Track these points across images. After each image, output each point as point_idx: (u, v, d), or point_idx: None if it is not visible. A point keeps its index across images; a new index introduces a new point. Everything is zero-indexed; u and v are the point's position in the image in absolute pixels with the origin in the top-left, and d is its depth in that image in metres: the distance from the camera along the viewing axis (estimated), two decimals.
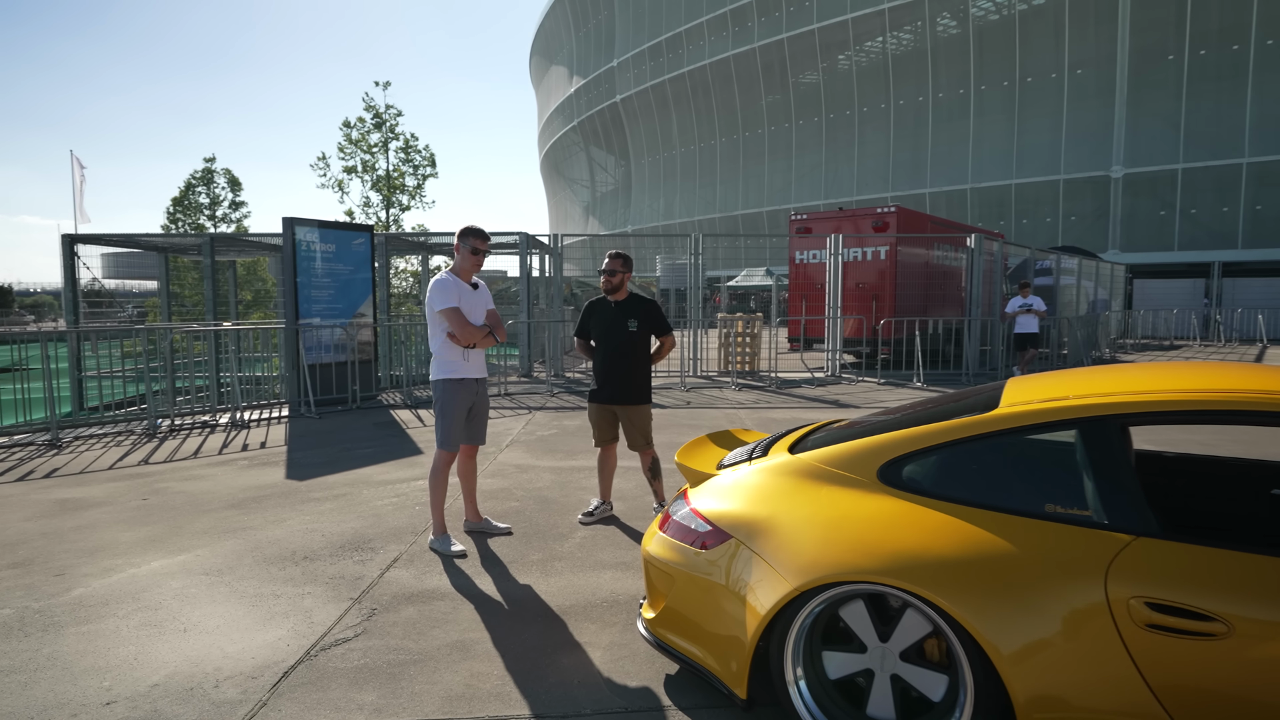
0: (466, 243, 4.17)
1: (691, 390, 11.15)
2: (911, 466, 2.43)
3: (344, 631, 3.16)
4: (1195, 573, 1.93)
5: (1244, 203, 31.87)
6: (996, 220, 36.90)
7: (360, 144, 21.42)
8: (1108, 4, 33.52)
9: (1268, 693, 1.82)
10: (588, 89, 56.43)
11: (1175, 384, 2.34)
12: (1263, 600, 1.85)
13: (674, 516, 2.76)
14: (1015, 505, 2.22)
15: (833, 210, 16.76)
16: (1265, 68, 30.98)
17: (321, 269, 9.61)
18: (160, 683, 2.74)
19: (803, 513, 2.43)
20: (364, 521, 4.70)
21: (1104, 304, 21.49)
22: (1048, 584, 2.04)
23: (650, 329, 4.73)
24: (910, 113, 39.62)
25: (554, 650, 3.00)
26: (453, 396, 4.10)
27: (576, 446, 7.03)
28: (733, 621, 2.42)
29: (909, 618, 2.21)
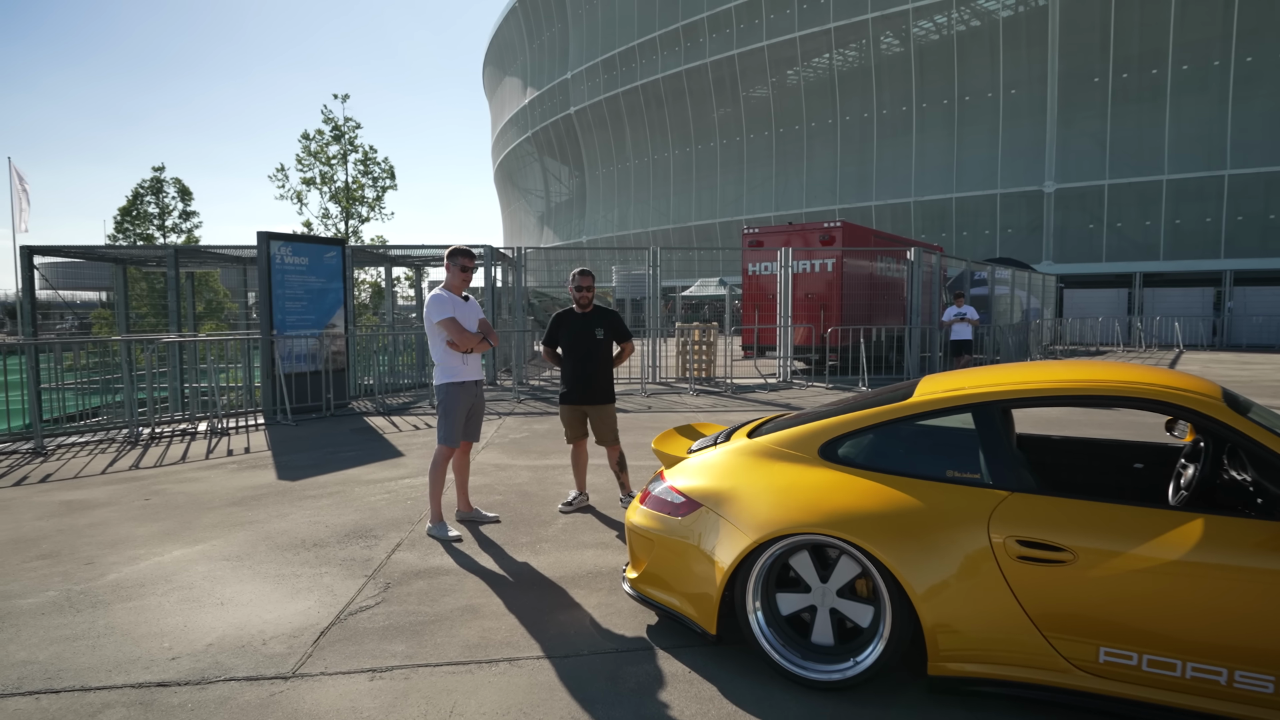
0: (456, 261, 4.69)
1: (652, 396, 11.74)
2: (845, 445, 3.04)
3: (365, 600, 3.64)
4: (1051, 517, 2.57)
5: (1164, 217, 33.95)
6: (939, 232, 38.52)
7: (319, 156, 21.56)
8: (1038, 28, 35.45)
9: (1099, 604, 2.46)
10: (542, 100, 56.91)
11: (1042, 377, 3.01)
12: (1096, 534, 2.49)
13: (653, 492, 3.32)
14: (924, 472, 2.85)
15: (783, 225, 17.60)
16: (1181, 91, 33.15)
17: (295, 281, 9.94)
18: (214, 643, 3.19)
19: (759, 483, 3.02)
20: (362, 514, 5.15)
21: (1036, 312, 22.81)
22: (948, 531, 2.67)
23: (613, 336, 5.31)
24: (856, 128, 41.11)
25: (552, 609, 3.53)
26: (455, 398, 4.61)
27: (549, 447, 7.54)
28: (704, 573, 3.00)
29: (843, 563, 2.81)
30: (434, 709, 2.66)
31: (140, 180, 30.45)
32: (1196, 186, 33.24)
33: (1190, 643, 2.36)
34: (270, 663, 3.01)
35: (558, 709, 2.66)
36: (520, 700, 2.71)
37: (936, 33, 38.35)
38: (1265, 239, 32.20)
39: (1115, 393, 2.77)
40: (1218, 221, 33.06)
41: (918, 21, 38.26)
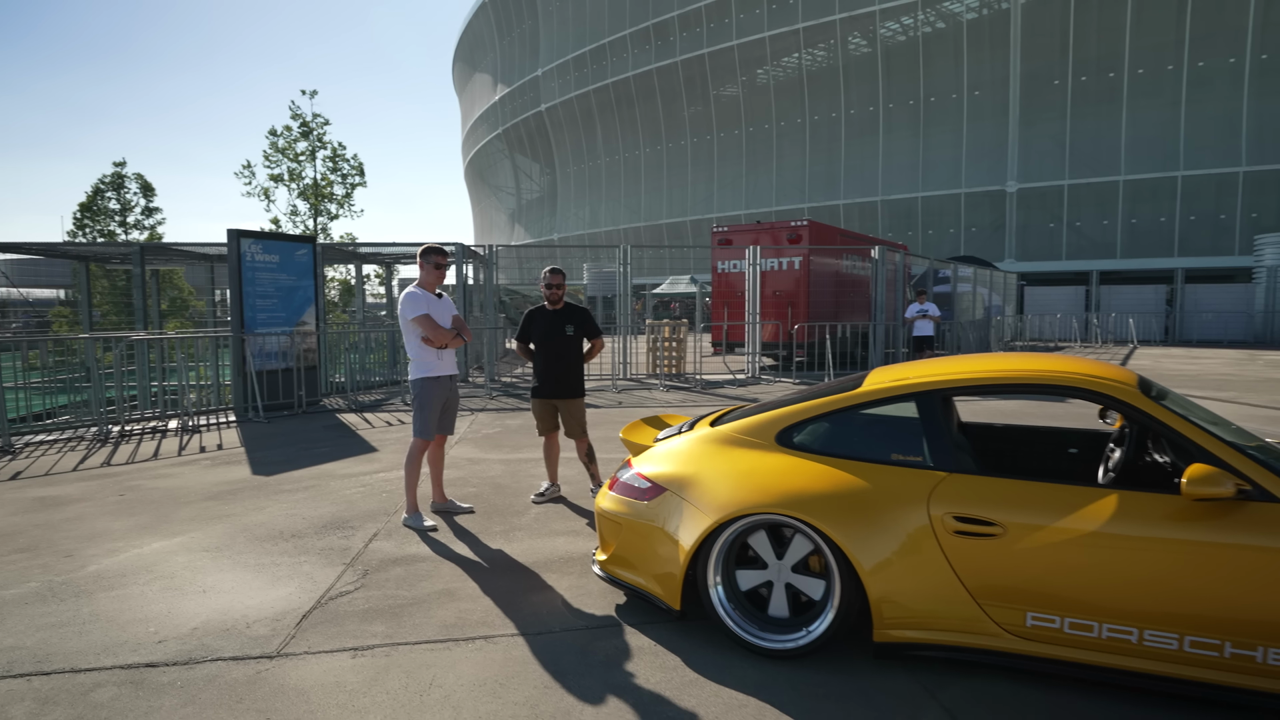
0: (430, 259, 4.84)
1: (623, 392, 11.93)
2: (799, 432, 3.26)
3: (345, 586, 3.78)
4: (984, 495, 2.81)
5: (1121, 216, 34.98)
6: (905, 230, 39.23)
7: (287, 152, 21.37)
8: (1000, 31, 36.25)
9: (1026, 573, 2.70)
10: (512, 97, 56.74)
11: (978, 368, 3.25)
12: (1022, 510, 2.74)
13: (621, 479, 3.51)
14: (871, 456, 3.07)
15: (751, 224, 17.88)
16: (1137, 95, 34.15)
17: (266, 279, 9.95)
18: (199, 626, 3.32)
19: (720, 468, 3.23)
20: (338, 507, 5.27)
21: (998, 309, 23.40)
22: (892, 510, 2.89)
23: (584, 333, 5.49)
24: (824, 128, 41.67)
25: (525, 592, 3.70)
26: (430, 392, 4.76)
27: (521, 441, 7.69)
28: (668, 553, 3.19)
29: (797, 540, 3.03)
30: (414, 682, 2.82)
31: (101, 176, 29.85)
32: (1151, 187, 34.28)
33: (1105, 607, 2.61)
34: (255, 644, 3.15)
35: (531, 679, 2.84)
36: (496, 673, 2.89)
37: (903, 34, 39.02)
38: (1216, 238, 33.34)
39: (1041, 381, 3.02)
40: (1171, 221, 34.14)
41: (884, 23, 38.89)
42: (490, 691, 2.75)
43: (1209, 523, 2.53)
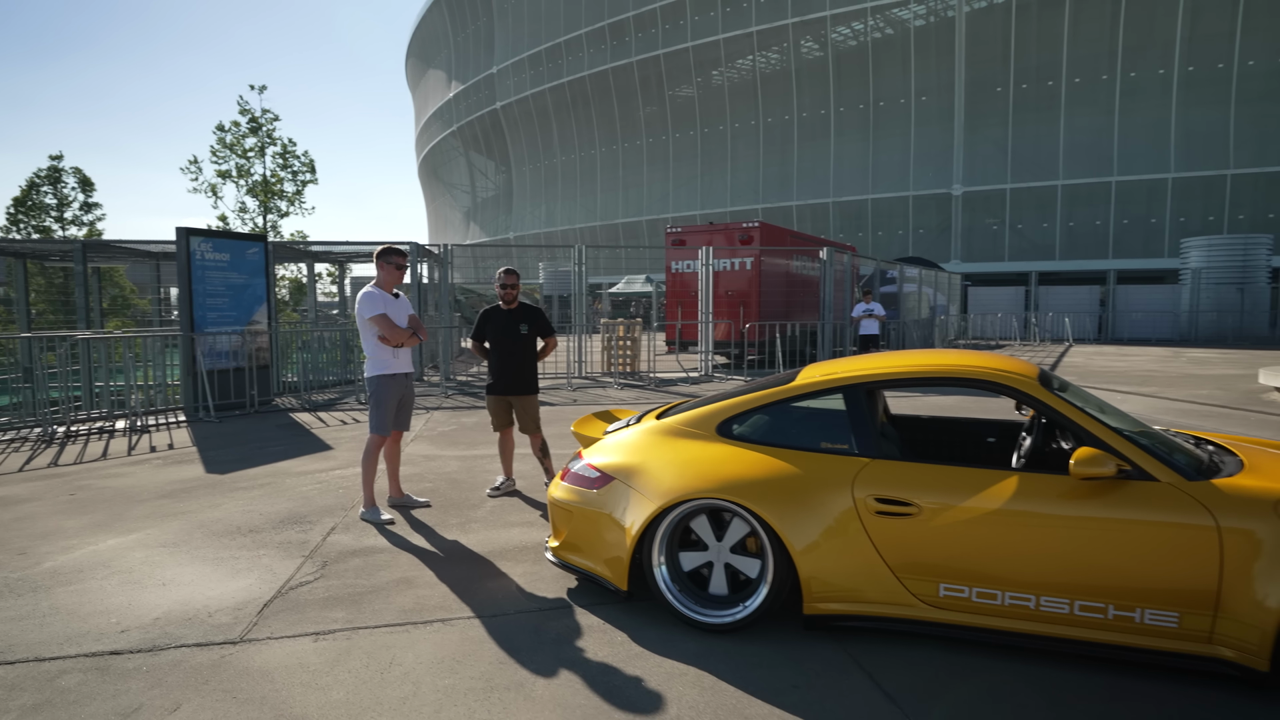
0: (390, 260, 4.96)
1: (577, 390, 12.11)
2: (738, 424, 3.51)
3: (304, 577, 3.90)
4: (902, 479, 3.08)
5: (1060, 219, 36.38)
6: (856, 231, 40.14)
7: (235, 148, 20.98)
8: (946, 39, 37.35)
9: (938, 548, 2.98)
10: (467, 94, 56.29)
11: (899, 364, 3.54)
12: (934, 492, 3.02)
13: (572, 469, 3.71)
14: (803, 444, 3.33)
15: (705, 224, 18.20)
16: (1074, 102, 35.55)
17: (216, 278, 9.87)
18: (160, 616, 3.41)
19: (664, 457, 3.45)
20: (295, 503, 5.35)
21: (943, 308, 24.20)
22: (820, 494, 3.15)
23: (537, 332, 5.68)
24: (778, 129, 42.37)
25: (481, 579, 3.88)
26: (386, 389, 4.89)
27: (476, 439, 7.82)
28: (616, 538, 3.40)
29: (735, 523, 3.27)
30: (374, 661, 2.98)
31: (36, 169, 28.81)
32: (1087, 192, 35.73)
33: (1007, 577, 2.91)
34: (218, 631, 3.26)
35: (487, 656, 3.02)
36: (453, 651, 3.07)
37: (853, 39, 39.88)
38: (1147, 241, 34.93)
39: (950, 374, 3.31)
40: (1106, 225, 35.65)
41: (836, 28, 39.70)
42: (448, 668, 2.93)
43: (1094, 500, 2.84)
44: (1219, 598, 2.68)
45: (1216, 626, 2.69)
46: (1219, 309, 25.07)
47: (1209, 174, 33.66)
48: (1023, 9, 35.65)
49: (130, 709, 2.63)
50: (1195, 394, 11.21)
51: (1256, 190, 33.01)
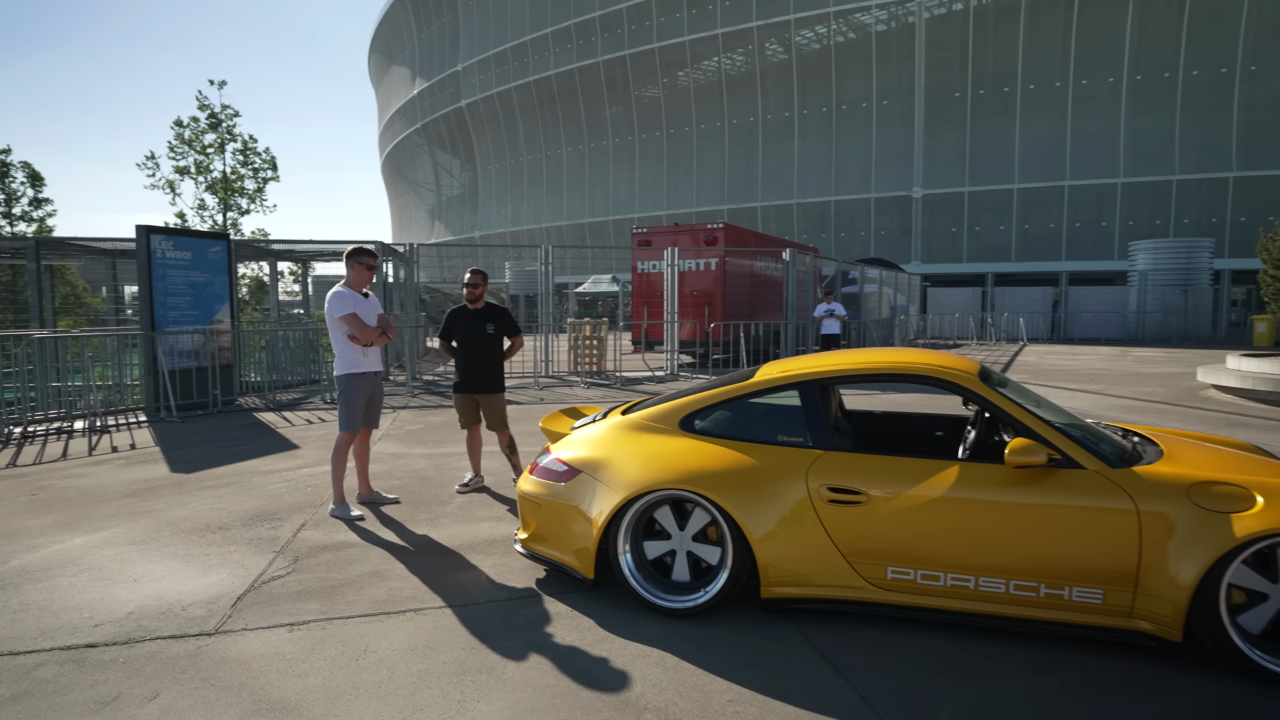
0: (361, 260, 5.04)
1: (544, 389, 12.20)
2: (699, 419, 3.68)
3: (277, 572, 3.98)
4: (852, 469, 3.28)
5: (1015, 222, 37.37)
6: (819, 233, 40.76)
7: (193, 144, 20.63)
8: (906, 43, 38.11)
9: (886, 533, 3.18)
10: (432, 91, 55.81)
11: (849, 361, 3.74)
12: (882, 481, 3.22)
13: (540, 463, 3.85)
14: (760, 437, 3.51)
15: (670, 225, 18.41)
16: (1029, 108, 36.55)
17: (178, 276, 9.77)
18: (134, 611, 3.47)
19: (629, 451, 3.60)
20: (263, 501, 5.39)
21: (903, 309, 24.75)
22: (777, 484, 3.33)
23: (504, 331, 5.79)
24: (743, 131, 42.81)
25: (451, 571, 3.99)
26: (355, 387, 4.96)
27: (444, 437, 7.89)
28: (583, 529, 3.55)
29: (697, 513, 3.43)
30: (349, 649, 3.09)
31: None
32: (1041, 195, 36.76)
33: (948, 560, 3.12)
34: (193, 623, 3.33)
35: (459, 642, 3.14)
36: (426, 639, 3.18)
37: (817, 42, 40.46)
38: (1098, 244, 36.06)
39: (898, 371, 3.52)
40: (1059, 227, 36.71)
41: (800, 31, 40.24)
42: (421, 654, 3.04)
43: (1027, 487, 3.06)
44: (1138, 576, 2.92)
45: (1136, 602, 2.93)
46: (1165, 310, 26.03)
47: (1156, 179, 34.88)
48: (980, 16, 36.57)
49: (110, 698, 2.70)
50: (1139, 391, 11.71)
51: (1200, 195, 34.30)
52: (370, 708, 2.63)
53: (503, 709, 2.63)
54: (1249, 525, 2.75)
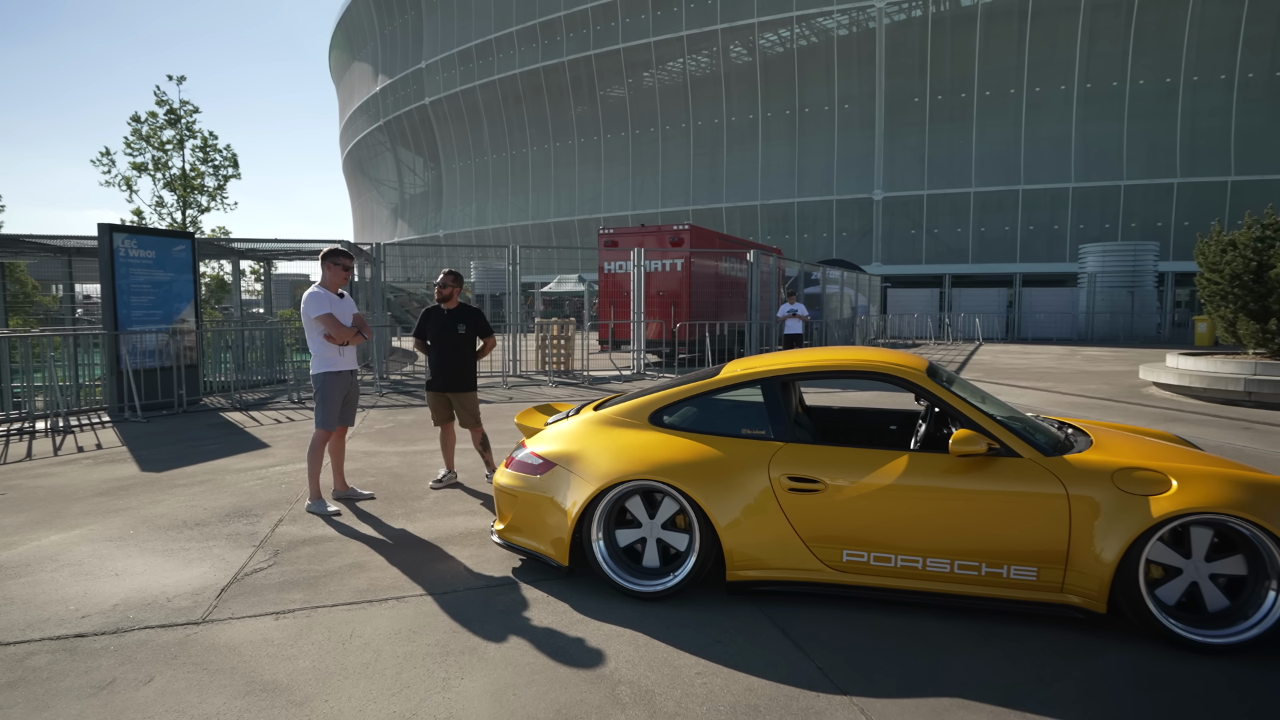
0: (337, 261, 5.15)
1: (513, 388, 12.32)
2: (667, 413, 3.89)
3: (258, 565, 4.08)
4: (811, 459, 3.52)
5: (972, 225, 38.34)
6: (783, 234, 41.34)
7: (151, 140, 20.26)
8: (866, 48, 38.85)
9: (841, 519, 3.42)
10: (394, 89, 55.25)
11: (806, 360, 3.98)
12: (837, 470, 3.46)
13: (516, 457, 4.02)
14: (726, 431, 3.73)
15: (636, 226, 18.62)
16: (985, 114, 37.53)
17: (141, 275, 9.69)
18: (119, 604, 3.56)
19: (601, 444, 3.80)
20: (238, 498, 5.47)
21: (864, 309, 25.31)
22: (741, 474, 3.55)
23: (476, 331, 5.94)
24: (708, 133, 43.22)
25: (430, 561, 4.14)
26: (332, 386, 5.07)
27: (415, 435, 7.99)
28: (558, 518, 3.73)
29: (666, 502, 3.64)
30: (335, 635, 3.23)
31: None
32: (997, 199, 37.78)
33: (898, 542, 3.37)
34: (180, 613, 3.44)
35: (441, 627, 3.31)
36: (408, 624, 3.34)
37: (780, 45, 41.02)
38: (1051, 246, 37.16)
39: (852, 368, 3.77)
40: (1014, 230, 37.76)
41: (763, 34, 40.77)
42: (405, 638, 3.20)
43: (969, 474, 3.33)
44: (1068, 554, 3.20)
45: (1067, 578, 3.21)
46: (1113, 310, 27.01)
47: (1105, 184, 36.11)
48: (938, 24, 37.45)
49: (105, 682, 2.82)
50: (1085, 389, 12.24)
51: (1147, 200, 35.60)
52: (360, 686, 2.79)
53: (486, 684, 2.80)
54: (1164, 506, 3.05)
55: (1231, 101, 34.29)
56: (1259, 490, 3.07)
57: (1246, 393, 10.22)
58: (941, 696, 2.73)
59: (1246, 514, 2.97)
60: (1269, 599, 3.00)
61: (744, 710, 2.64)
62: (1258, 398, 10.12)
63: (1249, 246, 11.01)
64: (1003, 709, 2.65)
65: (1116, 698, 2.72)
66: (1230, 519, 3.00)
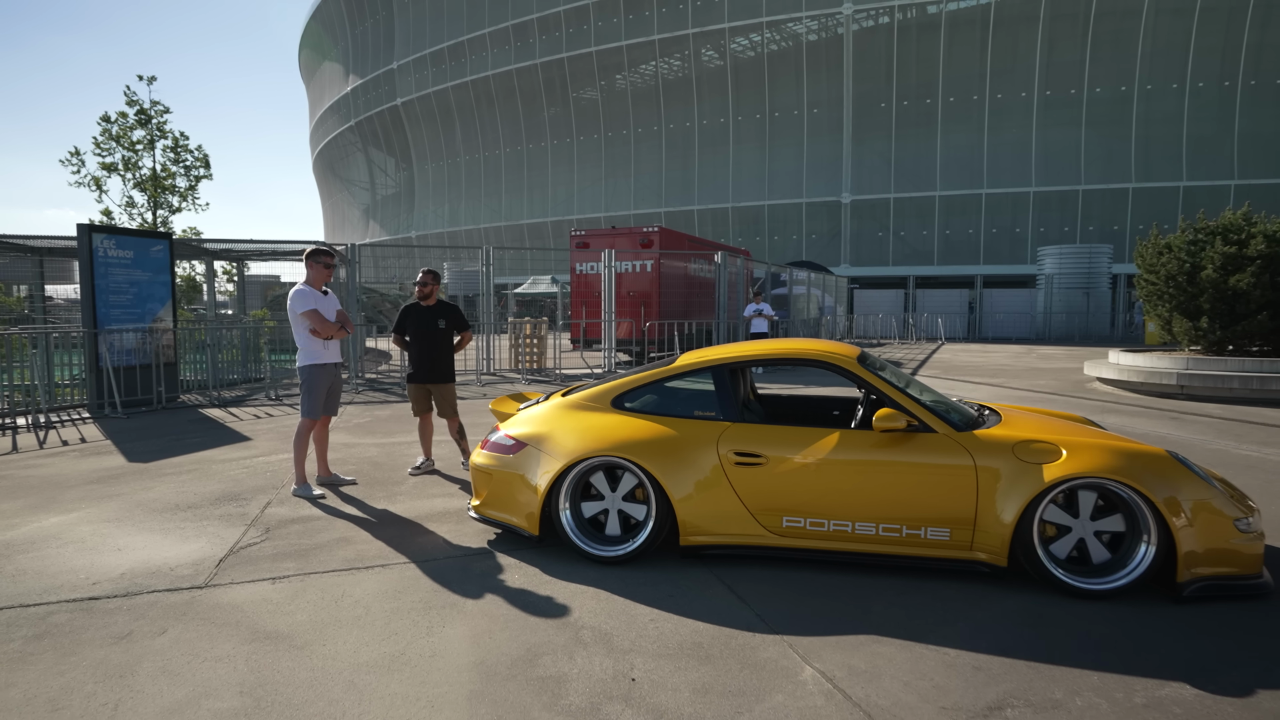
0: (319, 260, 5.50)
1: (486, 386, 12.66)
2: (628, 398, 4.31)
3: (252, 540, 4.43)
4: (754, 437, 3.95)
5: (937, 228, 39.31)
6: (754, 236, 42.01)
7: (121, 140, 20.21)
8: (834, 54, 39.65)
9: (781, 489, 3.86)
10: (366, 89, 55.07)
11: (750, 350, 4.43)
12: (777, 446, 3.90)
13: (491, 439, 4.41)
14: (680, 413, 4.16)
15: (607, 228, 19.03)
16: (949, 119, 38.52)
17: (120, 275, 9.89)
18: (126, 573, 3.89)
19: (569, 426, 4.20)
20: (226, 485, 5.78)
21: (831, 309, 25.96)
22: (694, 452, 3.98)
23: (454, 326, 6.32)
24: (679, 135, 43.76)
25: (412, 535, 4.51)
26: (317, 377, 5.41)
27: (393, 428, 8.32)
28: (529, 494, 4.13)
29: (626, 477, 4.06)
30: (328, 595, 3.60)
31: None
32: (961, 203, 38.79)
33: (831, 509, 3.82)
34: (183, 580, 3.78)
35: (424, 588, 3.69)
36: (394, 586, 3.71)
37: (751, 49, 41.69)
38: (1012, 249, 38.23)
39: (790, 356, 4.23)
40: (978, 233, 38.80)
41: (734, 39, 41.41)
42: (391, 596, 3.58)
43: (891, 448, 3.79)
44: (976, 517, 3.67)
45: (975, 538, 3.68)
46: (1069, 311, 27.97)
47: (1064, 189, 37.27)
48: (903, 30, 38.36)
49: (124, 633, 3.16)
50: (1034, 384, 12.89)
51: (1103, 204, 36.83)
52: (353, 634, 3.17)
53: (465, 631, 3.20)
54: (1054, 473, 3.53)
55: (1183, 109, 35.64)
56: (1135, 458, 3.57)
57: (1179, 386, 10.90)
58: (859, 634, 3.18)
59: (1123, 478, 3.46)
60: (1141, 551, 3.50)
61: (690, 647, 3.06)
62: (1189, 391, 10.81)
63: (1183, 250, 11.72)
64: (909, 641, 3.10)
65: (1007, 631, 3.19)
66: (1110, 483, 3.49)
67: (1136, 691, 2.70)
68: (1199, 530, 3.43)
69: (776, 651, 3.02)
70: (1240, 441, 7.48)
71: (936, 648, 3.04)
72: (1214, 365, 10.82)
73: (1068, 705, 2.61)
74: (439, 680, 2.78)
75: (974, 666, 2.89)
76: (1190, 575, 3.44)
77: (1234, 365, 10.66)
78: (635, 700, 2.65)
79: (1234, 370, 10.59)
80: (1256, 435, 7.83)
